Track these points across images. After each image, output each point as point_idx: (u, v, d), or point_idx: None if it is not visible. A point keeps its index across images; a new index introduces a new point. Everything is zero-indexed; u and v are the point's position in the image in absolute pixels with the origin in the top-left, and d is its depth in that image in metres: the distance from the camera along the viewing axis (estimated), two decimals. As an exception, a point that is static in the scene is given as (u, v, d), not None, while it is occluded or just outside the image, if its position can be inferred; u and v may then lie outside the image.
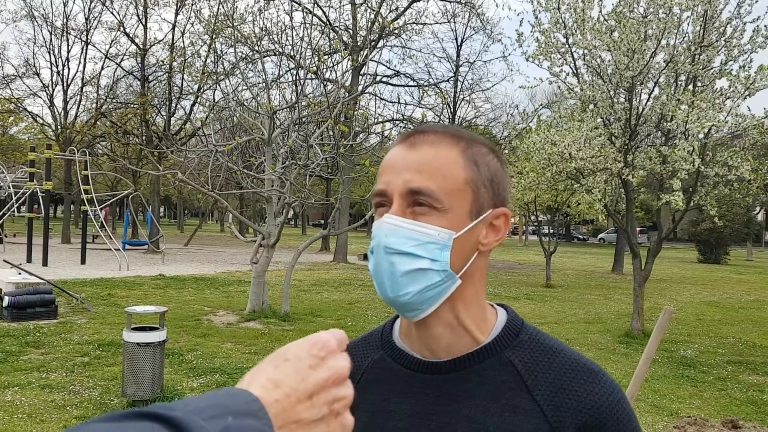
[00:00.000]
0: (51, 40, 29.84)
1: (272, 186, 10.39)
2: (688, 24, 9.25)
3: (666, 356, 8.84)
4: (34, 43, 31.16)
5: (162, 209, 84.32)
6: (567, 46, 9.73)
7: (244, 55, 17.08)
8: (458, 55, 32.07)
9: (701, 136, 8.84)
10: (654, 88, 9.83)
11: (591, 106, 9.83)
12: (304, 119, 10.89)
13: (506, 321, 0.96)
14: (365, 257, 26.35)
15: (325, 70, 11.70)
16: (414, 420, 0.91)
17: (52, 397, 5.84)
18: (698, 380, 7.65)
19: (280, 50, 11.54)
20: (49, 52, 29.70)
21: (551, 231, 24.02)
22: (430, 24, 31.54)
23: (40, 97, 30.19)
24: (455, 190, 0.87)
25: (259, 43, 12.40)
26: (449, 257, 0.86)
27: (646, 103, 9.81)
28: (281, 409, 0.57)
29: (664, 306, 10.96)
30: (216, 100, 15.35)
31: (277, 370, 0.60)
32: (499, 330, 0.95)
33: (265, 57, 12.44)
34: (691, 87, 9.21)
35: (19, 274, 10.38)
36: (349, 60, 12.03)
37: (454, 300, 0.89)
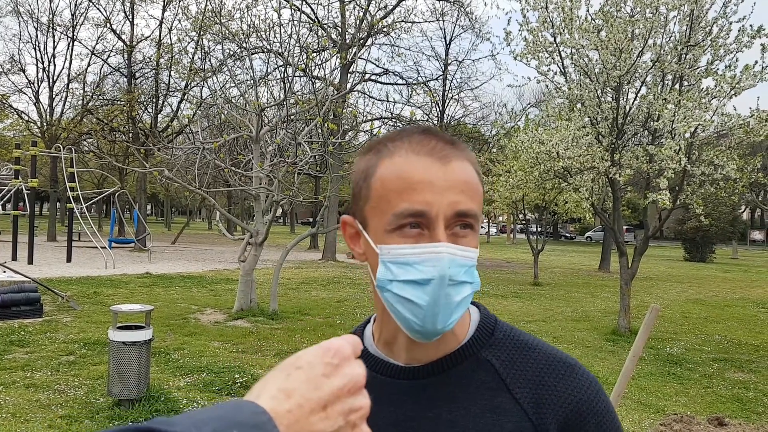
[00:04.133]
0: (37, 36, 29.58)
1: (260, 184, 10.34)
2: (675, 23, 9.32)
3: (652, 354, 8.90)
4: (20, 39, 30.75)
5: (149, 207, 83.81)
6: (555, 45, 9.75)
7: (232, 52, 17.00)
8: (447, 54, 32.11)
9: (687, 135, 8.89)
10: (641, 87, 9.88)
11: (578, 105, 9.87)
12: (292, 117, 10.84)
13: (479, 320, 0.96)
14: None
15: (313, 67, 11.67)
16: (394, 429, 0.89)
17: (37, 396, 5.78)
18: (684, 378, 7.70)
19: (268, 47, 11.47)
20: (34, 48, 29.43)
21: (539, 229, 24.11)
22: (419, 22, 31.57)
23: (25, 93, 29.88)
24: (481, 208, 0.87)
25: (246, 40, 12.33)
26: (477, 274, 0.87)
27: (633, 103, 9.86)
28: (294, 420, 0.54)
29: (650, 304, 11.04)
30: (203, 98, 15.25)
31: (288, 379, 0.57)
32: (473, 330, 0.94)
33: (253, 54, 12.37)
34: (677, 86, 9.26)
35: (4, 272, 10.27)
36: (337, 58, 11.98)
37: None
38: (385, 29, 26.15)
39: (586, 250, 39.93)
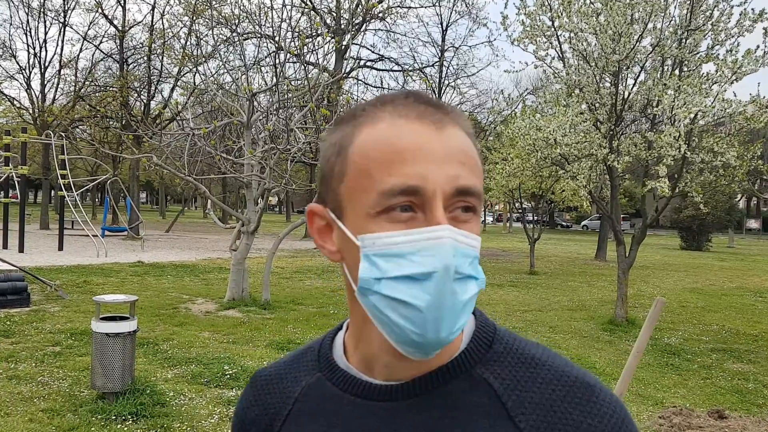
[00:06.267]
0: (28, 21, 29.18)
1: (252, 171, 10.15)
2: (675, 7, 9.14)
3: (650, 344, 8.77)
4: (11, 25, 30.49)
5: (144, 195, 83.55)
6: (553, 29, 9.56)
7: (225, 38, 16.75)
8: (443, 40, 31.84)
9: (687, 121, 8.74)
10: (640, 72, 9.70)
11: (576, 91, 9.69)
12: (284, 103, 10.63)
13: (475, 328, 0.78)
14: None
15: (306, 52, 11.44)
16: None
17: (19, 388, 5.61)
18: (683, 369, 7.58)
19: (260, 32, 11.23)
20: (25, 34, 29.07)
21: (535, 218, 23.99)
22: (415, 8, 31.14)
23: (16, 80, 29.58)
24: (482, 187, 0.71)
25: (239, 24, 12.09)
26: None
27: (632, 88, 9.68)
28: None
29: (647, 293, 10.86)
30: (196, 84, 15.02)
31: None
32: (467, 340, 0.76)
33: (245, 39, 12.14)
34: (677, 71, 9.08)
35: (-10, 261, 10.07)
36: (332, 43, 11.76)
37: None
38: (380, 14, 25.86)
39: (582, 239, 39.88)
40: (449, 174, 0.66)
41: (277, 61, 10.31)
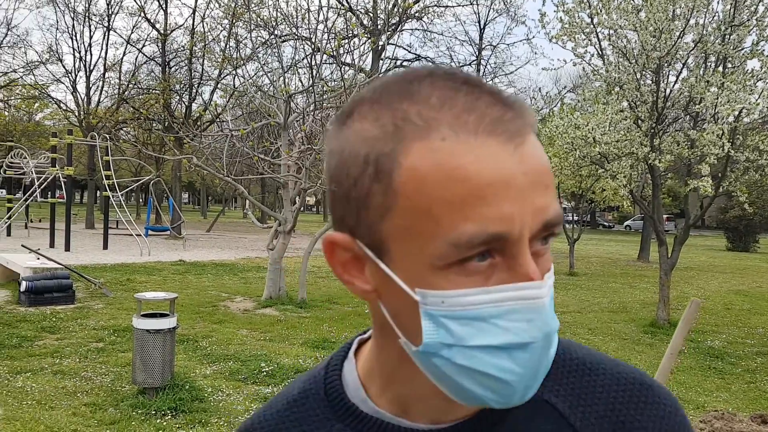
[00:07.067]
0: (73, 25, 30.00)
1: (288, 171, 10.26)
2: (718, 2, 8.91)
3: (692, 347, 8.57)
4: (57, 29, 31.48)
5: (187, 196, 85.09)
6: (592, 26, 9.41)
7: (264, 40, 16.94)
8: (481, 39, 31.64)
9: (731, 119, 8.52)
10: (682, 69, 9.49)
11: (616, 89, 9.52)
12: (320, 104, 10.72)
13: None
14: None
15: (343, 53, 11.51)
16: None
17: (64, 383, 5.79)
18: (726, 372, 7.39)
19: (297, 34, 11.34)
20: (71, 38, 29.86)
21: (575, 218, 23.65)
22: (452, 6, 31.05)
23: (63, 83, 30.41)
24: None
25: (277, 26, 12.23)
26: None
27: (673, 85, 9.49)
28: None
29: (691, 295, 10.63)
30: (236, 86, 15.24)
31: None
32: None
33: (283, 41, 12.28)
34: (720, 68, 8.86)
35: (38, 259, 10.40)
36: (368, 43, 11.80)
37: None
38: (417, 14, 25.83)
39: (624, 240, 39.13)
40: (536, 206, 0.51)
41: (314, 62, 10.40)
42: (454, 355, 0.52)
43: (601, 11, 9.23)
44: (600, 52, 9.66)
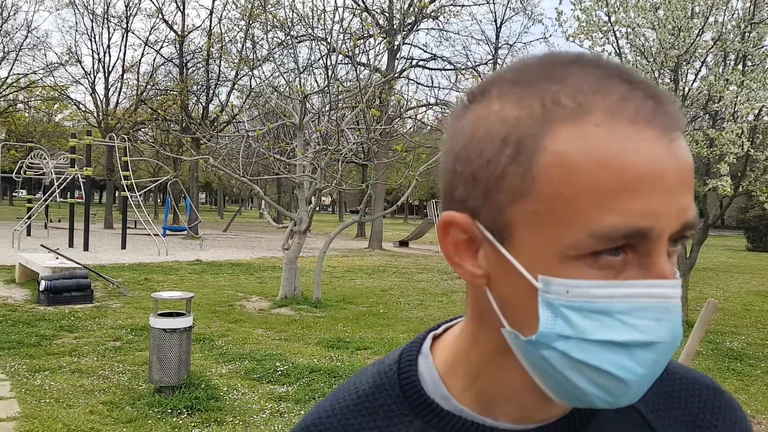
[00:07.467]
0: (92, 27, 30.34)
1: (303, 172, 10.29)
2: (738, 0, 8.81)
3: (711, 348, 8.48)
4: (76, 31, 31.97)
5: (204, 196, 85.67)
6: (609, 24, 9.34)
7: (280, 41, 17.01)
8: (497, 37, 31.48)
9: (751, 117, 8.42)
10: (701, 67, 9.39)
11: (634, 88, 9.42)
12: (336, 104, 10.74)
13: None
14: (402, 243, 26.12)
15: (358, 53, 11.52)
16: None
17: (81, 381, 5.85)
18: (745, 374, 7.29)
19: (312, 34, 11.38)
20: (90, 40, 30.20)
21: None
22: (468, 6, 30.95)
23: (82, 84, 30.80)
24: None
25: (293, 27, 12.28)
26: None
27: (692, 84, 9.38)
28: None
29: (710, 296, 10.49)
30: (252, 87, 15.32)
31: None
32: None
33: (299, 42, 12.32)
34: (740, 66, 8.76)
35: (57, 258, 10.52)
36: (383, 43, 11.81)
37: None
38: (433, 13, 25.79)
39: (641, 239, 38.76)
40: (681, 206, 0.49)
41: (329, 62, 10.42)
42: (570, 348, 0.49)
43: (618, 9, 9.15)
44: (617, 51, 9.58)
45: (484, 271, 0.54)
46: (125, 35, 29.72)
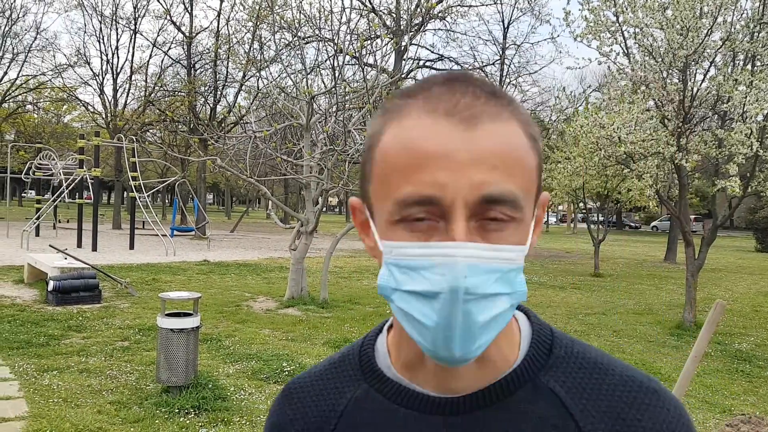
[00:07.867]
0: (101, 29, 30.48)
1: (310, 172, 10.30)
2: (747, 0, 8.75)
3: (719, 350, 8.43)
4: (85, 33, 32.16)
5: (211, 197, 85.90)
6: (617, 24, 9.30)
7: (287, 42, 17.04)
8: (505, 38, 31.42)
9: (760, 118, 8.36)
10: (710, 67, 9.33)
11: (642, 88, 9.39)
12: (343, 105, 10.74)
13: (532, 332, 0.73)
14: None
15: (365, 54, 11.52)
16: None
17: (89, 381, 5.87)
18: (754, 375, 7.25)
19: (320, 35, 11.38)
20: (98, 41, 30.38)
21: (601, 218, 23.41)
22: (476, 6, 30.90)
23: (90, 85, 30.96)
24: (529, 189, 0.63)
25: (300, 28, 12.29)
26: (523, 280, 0.64)
27: (701, 84, 9.32)
28: None
29: (718, 297, 10.42)
30: (259, 88, 15.34)
31: None
32: (526, 346, 0.72)
33: (306, 43, 12.33)
34: (749, 66, 8.70)
35: (65, 259, 10.57)
36: (390, 44, 11.80)
37: None
38: (440, 14, 25.77)
39: (651, 240, 38.64)
40: (473, 181, 0.58)
41: (336, 63, 10.42)
42: (396, 298, 0.62)
43: (626, 9, 9.11)
44: (625, 51, 9.55)
45: (375, 243, 0.67)
46: (133, 37, 29.86)
